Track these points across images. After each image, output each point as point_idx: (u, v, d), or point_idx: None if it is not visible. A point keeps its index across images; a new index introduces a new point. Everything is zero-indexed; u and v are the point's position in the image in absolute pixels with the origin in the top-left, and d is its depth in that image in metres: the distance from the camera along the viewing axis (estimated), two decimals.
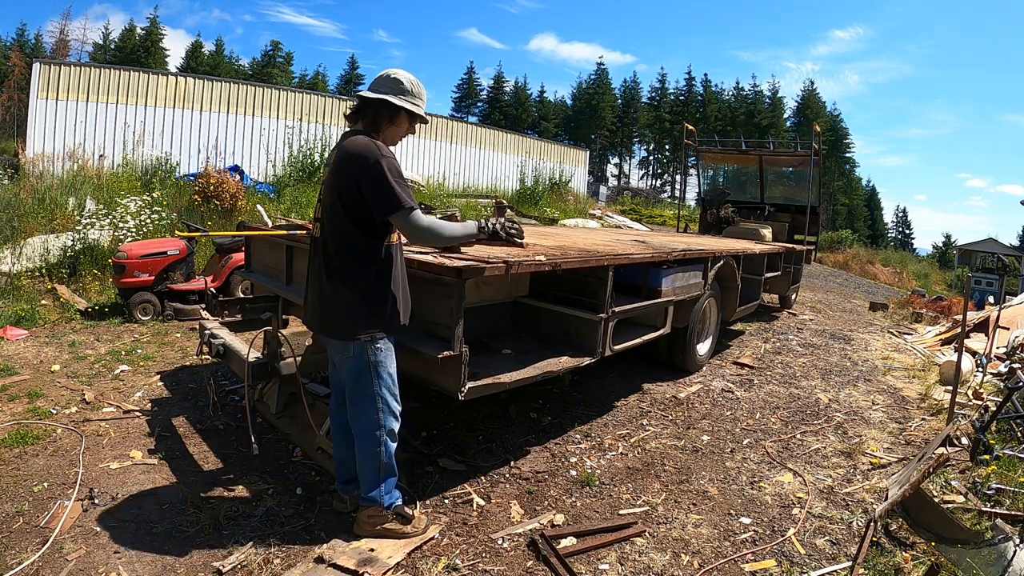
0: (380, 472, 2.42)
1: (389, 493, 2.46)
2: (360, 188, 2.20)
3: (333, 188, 2.28)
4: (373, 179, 2.19)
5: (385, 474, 2.44)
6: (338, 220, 2.27)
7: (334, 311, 2.33)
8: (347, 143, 2.30)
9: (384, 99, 2.32)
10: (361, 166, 2.20)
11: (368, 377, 2.35)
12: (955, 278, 25.50)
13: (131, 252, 5.98)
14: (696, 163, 11.39)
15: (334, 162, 2.31)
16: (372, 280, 2.31)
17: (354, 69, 56.86)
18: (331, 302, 2.32)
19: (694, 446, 3.64)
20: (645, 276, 4.23)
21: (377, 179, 2.19)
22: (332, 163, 2.33)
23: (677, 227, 12.51)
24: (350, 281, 2.30)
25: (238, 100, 17.79)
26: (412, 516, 2.53)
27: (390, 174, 2.20)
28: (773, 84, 65.39)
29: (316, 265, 2.38)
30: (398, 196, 2.21)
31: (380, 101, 2.32)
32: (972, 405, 4.39)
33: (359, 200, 2.21)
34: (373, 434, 2.39)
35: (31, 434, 3.21)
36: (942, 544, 2.37)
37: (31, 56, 32.44)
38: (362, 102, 2.36)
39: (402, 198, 2.21)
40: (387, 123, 2.35)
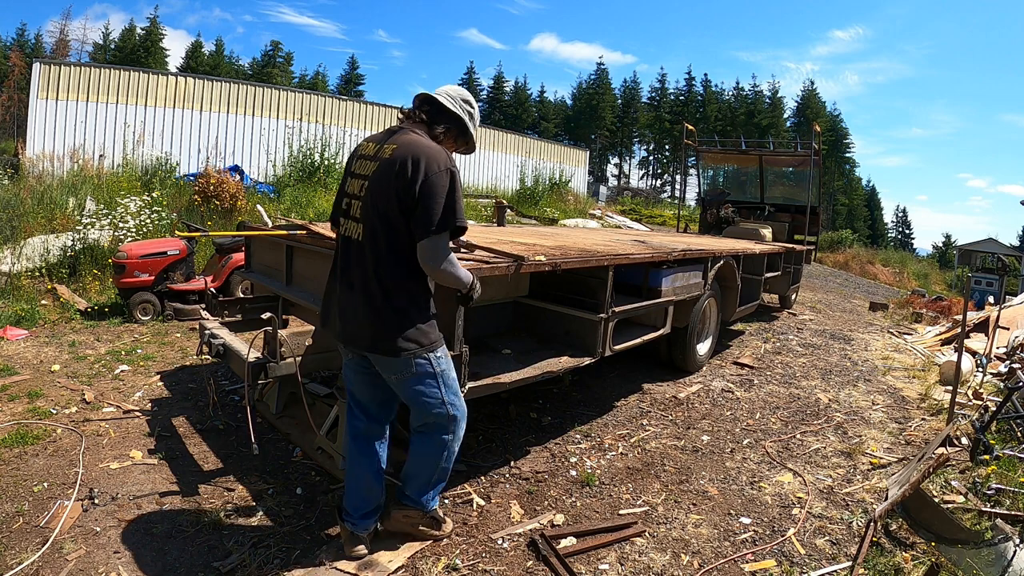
0: (434, 477, 2.37)
1: (435, 498, 2.45)
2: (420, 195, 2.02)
3: (393, 188, 2.04)
4: (436, 189, 2.02)
5: (438, 479, 2.39)
6: (395, 223, 2.06)
7: (391, 327, 2.09)
8: (413, 141, 2.11)
9: (461, 118, 2.26)
10: (430, 173, 2.02)
11: (437, 388, 2.22)
12: (955, 278, 25.49)
13: (131, 252, 5.97)
14: (696, 163, 11.40)
15: (392, 157, 2.07)
16: (425, 288, 2.18)
17: (354, 69, 56.92)
18: (387, 317, 2.09)
19: (694, 446, 3.64)
20: (645, 276, 4.23)
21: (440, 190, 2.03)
22: (388, 158, 2.08)
23: (677, 227, 12.51)
24: (407, 293, 2.11)
25: (238, 100, 17.80)
26: (444, 520, 2.52)
27: (456, 190, 2.08)
28: (773, 84, 65.57)
29: (359, 274, 2.12)
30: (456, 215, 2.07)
31: (454, 116, 2.24)
32: (972, 405, 4.39)
33: (411, 208, 2.03)
34: (443, 440, 2.30)
35: (31, 434, 3.21)
36: (942, 544, 2.37)
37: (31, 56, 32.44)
38: (438, 108, 2.23)
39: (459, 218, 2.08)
40: (451, 142, 2.28)
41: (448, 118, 2.25)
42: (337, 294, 2.24)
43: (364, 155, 2.21)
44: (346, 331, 2.21)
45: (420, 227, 2.03)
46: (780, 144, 11.99)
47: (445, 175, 2.06)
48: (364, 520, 2.33)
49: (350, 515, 2.32)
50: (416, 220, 2.04)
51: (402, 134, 2.16)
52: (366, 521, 2.34)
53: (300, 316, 4.20)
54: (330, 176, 12.67)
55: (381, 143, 2.18)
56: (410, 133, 2.16)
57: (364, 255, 2.12)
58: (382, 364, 2.19)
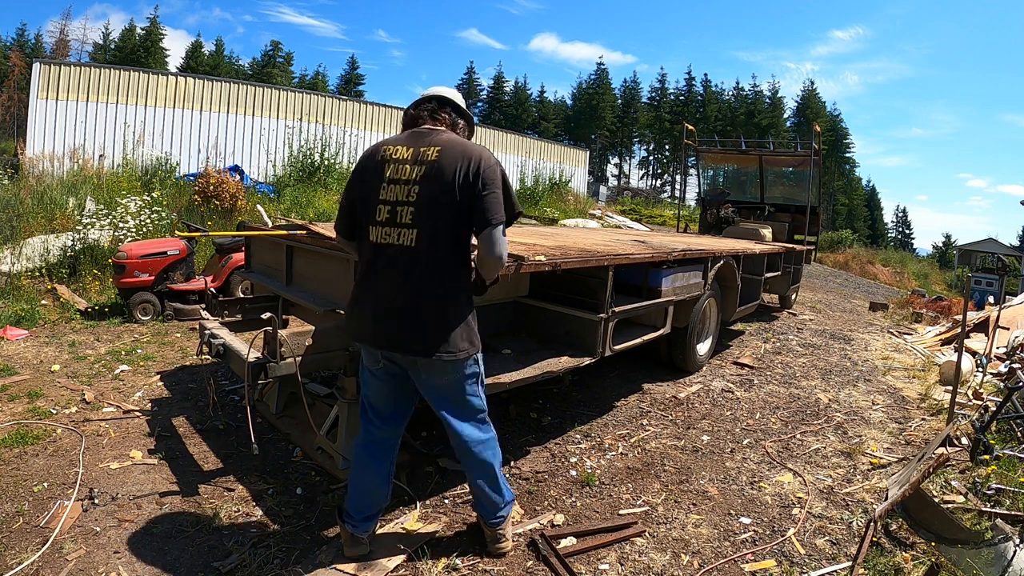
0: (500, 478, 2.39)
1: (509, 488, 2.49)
2: (483, 190, 2.03)
3: (453, 188, 2.02)
4: (496, 183, 2.06)
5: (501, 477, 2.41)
6: (449, 224, 2.06)
7: (453, 330, 2.09)
8: (456, 140, 2.13)
9: (471, 117, 2.36)
10: (487, 168, 2.05)
11: (476, 388, 2.27)
12: (955, 278, 25.49)
13: (131, 252, 5.98)
14: (696, 163, 11.39)
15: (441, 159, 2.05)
16: (469, 290, 2.20)
17: (354, 69, 56.94)
18: (450, 321, 2.09)
19: (694, 446, 3.64)
20: (645, 276, 4.23)
21: (499, 184, 2.07)
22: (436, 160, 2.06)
23: (677, 227, 12.51)
24: (464, 294, 2.15)
25: (238, 100, 17.80)
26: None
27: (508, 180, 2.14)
28: (773, 84, 65.59)
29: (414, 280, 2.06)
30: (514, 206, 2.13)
31: (470, 117, 2.34)
32: (972, 405, 4.39)
33: (472, 204, 2.04)
34: (489, 439, 2.34)
35: (31, 434, 3.21)
36: (942, 544, 2.37)
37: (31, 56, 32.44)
38: (456, 108, 2.28)
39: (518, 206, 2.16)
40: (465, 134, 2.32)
41: (464, 117, 2.32)
42: (376, 301, 2.13)
43: (398, 159, 2.10)
44: (389, 336, 2.11)
45: (485, 220, 2.05)
46: (780, 144, 11.99)
47: (498, 168, 2.11)
48: (366, 523, 2.32)
49: (352, 517, 2.30)
50: (480, 214, 2.05)
51: (437, 135, 2.15)
52: (368, 523, 2.33)
53: (300, 316, 4.20)
54: (330, 176, 12.68)
55: (416, 146, 2.11)
56: (445, 133, 2.18)
57: (419, 260, 2.05)
58: (434, 368, 2.13)
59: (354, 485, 2.34)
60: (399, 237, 2.07)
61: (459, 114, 2.29)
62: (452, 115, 2.25)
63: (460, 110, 2.30)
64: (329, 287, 3.55)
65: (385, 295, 2.11)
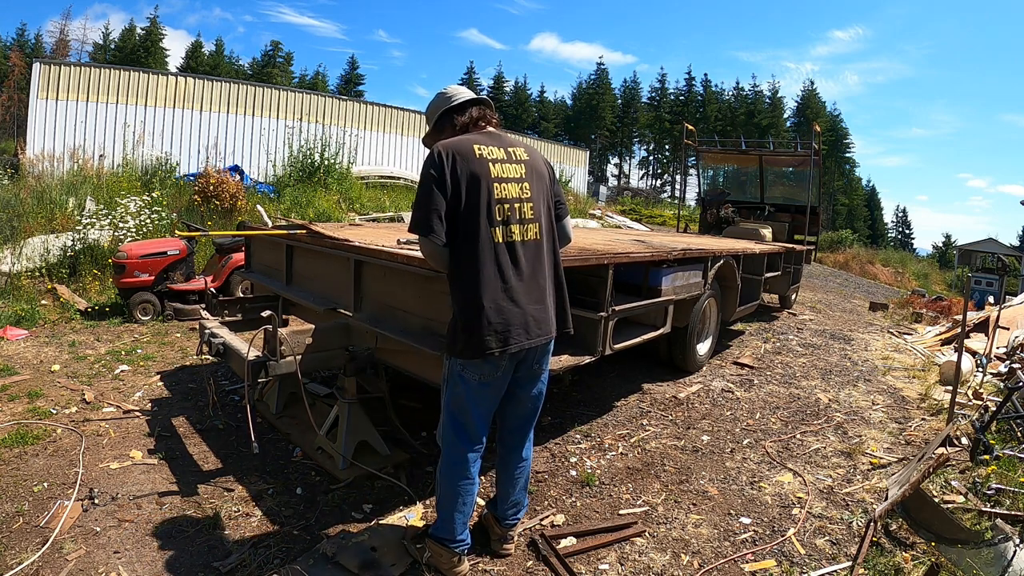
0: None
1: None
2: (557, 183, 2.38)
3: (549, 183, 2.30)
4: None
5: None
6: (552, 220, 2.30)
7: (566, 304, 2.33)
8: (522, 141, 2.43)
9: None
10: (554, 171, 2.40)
11: None
12: (955, 278, 25.49)
13: (131, 252, 5.98)
14: (696, 163, 11.39)
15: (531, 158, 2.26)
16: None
17: (354, 69, 56.92)
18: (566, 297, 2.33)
19: (694, 446, 3.64)
20: (645, 275, 4.23)
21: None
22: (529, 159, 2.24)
23: (677, 227, 12.51)
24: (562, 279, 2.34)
25: (238, 100, 17.80)
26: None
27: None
28: (773, 84, 65.47)
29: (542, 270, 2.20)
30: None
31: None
32: (972, 405, 4.39)
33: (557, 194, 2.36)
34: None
35: (31, 434, 3.21)
36: (942, 544, 2.37)
37: (31, 56, 32.44)
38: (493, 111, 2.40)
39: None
40: None
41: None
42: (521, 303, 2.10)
43: (496, 159, 2.12)
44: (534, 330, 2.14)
45: (564, 208, 2.40)
46: (780, 144, 12.00)
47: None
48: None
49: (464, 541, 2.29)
50: (561, 204, 2.38)
51: (510, 136, 2.34)
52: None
53: (300, 316, 4.20)
54: (330, 176, 12.67)
55: (504, 147, 2.20)
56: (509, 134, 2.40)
57: (542, 250, 2.21)
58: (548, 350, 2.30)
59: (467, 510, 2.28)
60: (527, 232, 2.16)
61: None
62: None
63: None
64: (329, 287, 3.55)
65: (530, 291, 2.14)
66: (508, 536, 2.43)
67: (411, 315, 2.93)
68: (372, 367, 3.10)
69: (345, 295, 3.31)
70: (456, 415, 2.23)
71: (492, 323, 2.04)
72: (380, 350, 3.08)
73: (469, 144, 2.11)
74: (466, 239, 2.05)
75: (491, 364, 2.12)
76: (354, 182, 13.46)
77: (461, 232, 2.05)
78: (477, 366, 2.12)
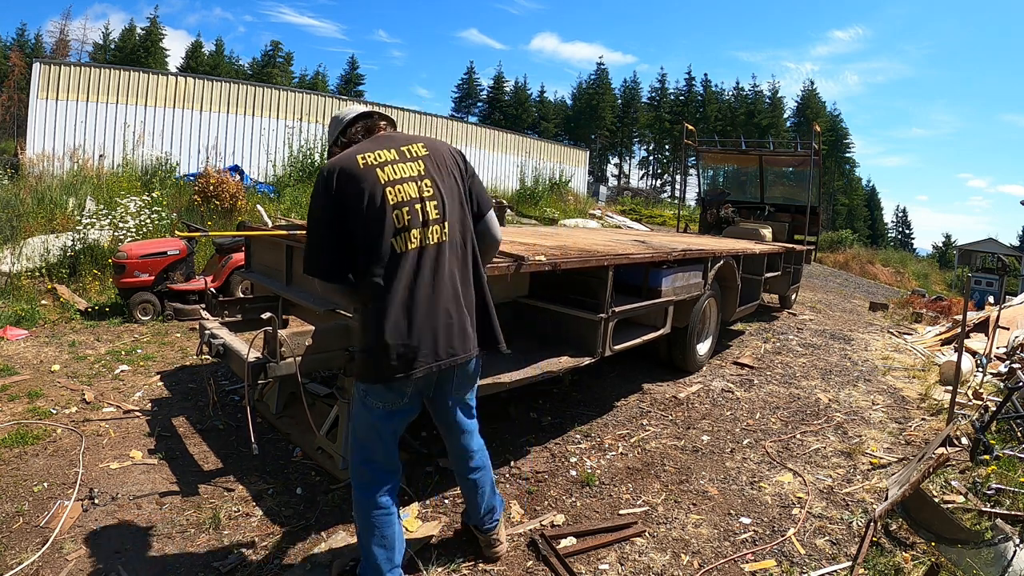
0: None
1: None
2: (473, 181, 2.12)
3: (459, 174, 2.05)
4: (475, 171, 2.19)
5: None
6: (467, 218, 2.05)
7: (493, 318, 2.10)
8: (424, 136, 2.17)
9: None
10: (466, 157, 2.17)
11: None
12: (955, 278, 25.49)
13: (131, 252, 5.97)
14: (696, 163, 11.38)
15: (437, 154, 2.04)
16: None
17: (354, 69, 56.94)
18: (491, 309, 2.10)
19: (694, 446, 3.64)
20: (645, 276, 4.23)
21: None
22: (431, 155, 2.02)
23: (677, 227, 12.51)
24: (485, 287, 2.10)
25: (238, 100, 17.79)
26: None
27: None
28: (773, 84, 65.51)
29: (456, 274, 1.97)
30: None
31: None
32: (972, 405, 4.39)
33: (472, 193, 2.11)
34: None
35: (31, 434, 3.21)
36: (942, 544, 2.37)
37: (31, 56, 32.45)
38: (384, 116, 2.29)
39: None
40: None
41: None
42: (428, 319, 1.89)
43: (385, 162, 1.94)
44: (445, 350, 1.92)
45: (485, 203, 2.16)
46: (780, 144, 11.98)
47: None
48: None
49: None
50: (480, 198, 2.14)
51: (406, 134, 2.14)
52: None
53: (300, 316, 4.20)
54: None
55: (396, 147, 2.00)
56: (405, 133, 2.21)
57: (454, 254, 1.97)
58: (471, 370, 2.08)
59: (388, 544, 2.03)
60: (434, 234, 1.93)
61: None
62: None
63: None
64: None
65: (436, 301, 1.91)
66: (493, 540, 2.39)
67: None
68: None
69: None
70: (362, 441, 2.06)
71: (393, 345, 1.85)
72: None
73: (352, 156, 1.94)
74: (366, 255, 1.88)
75: (395, 391, 1.94)
76: None
77: (361, 249, 1.89)
78: (380, 393, 1.94)
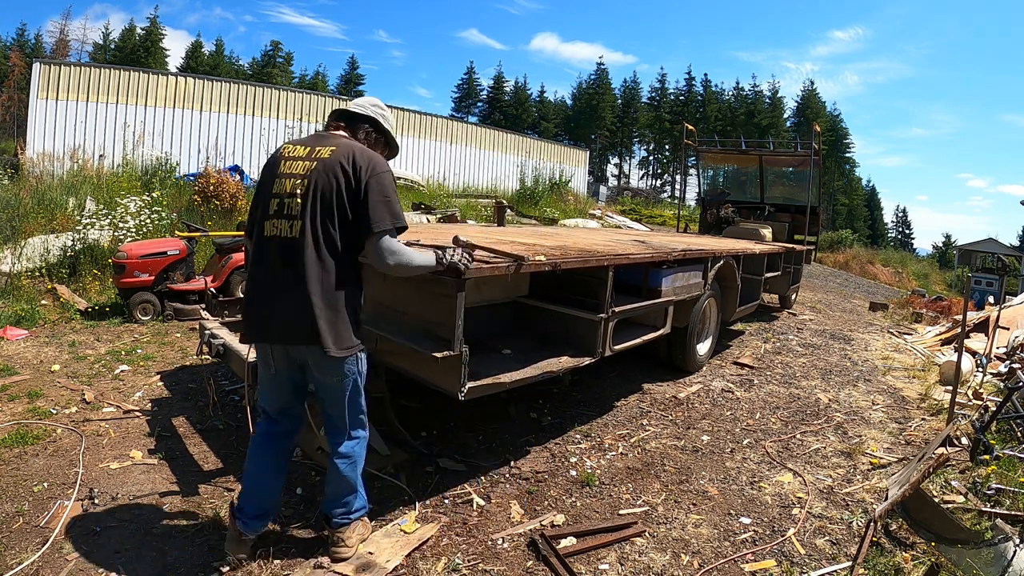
0: (360, 481, 2.37)
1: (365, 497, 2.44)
2: (366, 194, 2.08)
3: (339, 186, 2.08)
4: (380, 189, 2.09)
5: (362, 481, 2.39)
6: (333, 221, 2.09)
7: (336, 320, 2.11)
8: (349, 144, 2.17)
9: (373, 118, 2.34)
10: (372, 172, 2.10)
11: (358, 388, 2.28)
12: (955, 278, 25.49)
13: (131, 252, 5.97)
14: (696, 163, 11.38)
15: (333, 159, 2.10)
16: (357, 288, 2.23)
17: (354, 69, 56.95)
18: (323, 311, 2.08)
19: (694, 446, 3.64)
20: (645, 276, 4.23)
21: (384, 191, 2.11)
22: (328, 159, 2.11)
23: (677, 227, 12.51)
24: (341, 288, 2.12)
25: (238, 100, 17.81)
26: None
27: (392, 190, 2.15)
28: (773, 84, 65.38)
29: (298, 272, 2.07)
30: (396, 214, 2.14)
31: (368, 118, 2.34)
32: (972, 405, 4.39)
33: (358, 204, 2.09)
34: (362, 445, 2.37)
35: (31, 434, 3.21)
36: (942, 544, 2.37)
37: (31, 56, 32.45)
38: (347, 114, 2.33)
39: (398, 216, 2.15)
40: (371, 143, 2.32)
41: (363, 121, 2.33)
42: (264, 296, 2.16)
43: (293, 156, 2.17)
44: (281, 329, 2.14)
45: (374, 222, 2.08)
46: (780, 144, 11.99)
47: (388, 175, 2.16)
48: (254, 521, 2.29)
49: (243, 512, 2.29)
50: (367, 217, 2.08)
51: (335, 138, 2.22)
52: (256, 523, 2.30)
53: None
54: None
55: (313, 146, 2.18)
56: (343, 138, 2.24)
57: (304, 251, 2.07)
58: (321, 364, 2.16)
59: (249, 481, 2.33)
60: (287, 229, 2.11)
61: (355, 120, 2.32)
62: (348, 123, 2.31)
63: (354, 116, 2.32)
64: None
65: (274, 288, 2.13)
66: (336, 539, 2.30)
67: (410, 316, 2.93)
68: (372, 367, 3.09)
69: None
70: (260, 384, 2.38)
71: (246, 311, 2.26)
72: (380, 351, 3.08)
73: (288, 144, 2.25)
74: (251, 227, 2.25)
75: (261, 353, 2.27)
76: None
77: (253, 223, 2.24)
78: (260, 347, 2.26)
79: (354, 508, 2.34)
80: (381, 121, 2.36)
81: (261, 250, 2.18)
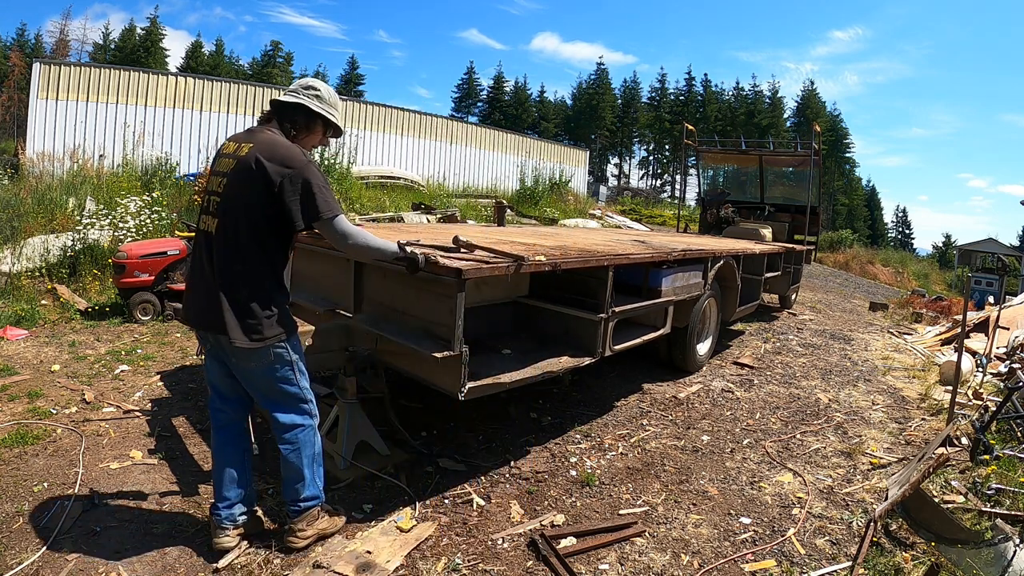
0: (313, 466, 2.38)
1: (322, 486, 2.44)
2: (283, 191, 2.11)
3: (249, 184, 2.12)
4: (303, 186, 2.13)
5: (318, 465, 2.41)
6: (252, 218, 2.15)
7: (245, 313, 2.15)
8: (266, 140, 2.20)
9: (301, 104, 2.29)
10: (288, 169, 2.11)
11: (293, 375, 2.30)
12: (955, 278, 25.49)
13: (131, 252, 5.97)
14: (696, 163, 11.37)
15: (248, 156, 2.14)
16: (274, 282, 2.25)
17: (354, 69, 56.96)
18: (241, 304, 2.15)
19: (694, 446, 3.64)
20: (645, 276, 4.23)
21: (306, 186, 2.13)
22: (244, 156, 2.15)
23: (677, 227, 12.51)
24: (252, 283, 2.17)
25: (238, 100, 17.81)
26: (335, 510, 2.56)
27: (316, 182, 2.15)
28: (773, 84, 65.34)
29: (216, 264, 2.16)
30: (327, 203, 2.17)
31: (297, 106, 2.29)
32: (972, 405, 4.39)
33: (277, 201, 2.12)
34: (308, 433, 2.36)
35: (31, 434, 3.21)
36: (942, 544, 2.37)
37: (31, 56, 32.45)
38: (277, 105, 2.31)
39: (331, 205, 2.18)
40: (304, 130, 2.32)
41: (291, 111, 2.30)
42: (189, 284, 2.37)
43: (225, 153, 2.27)
44: (206, 319, 2.22)
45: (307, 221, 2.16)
46: (780, 144, 11.99)
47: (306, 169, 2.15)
48: (229, 511, 2.34)
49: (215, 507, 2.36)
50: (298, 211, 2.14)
51: (259, 133, 2.25)
52: (232, 511, 2.35)
53: (300, 316, 4.20)
54: (330, 176, 12.66)
55: (240, 143, 2.24)
56: (266, 132, 2.25)
57: (221, 247, 2.17)
58: (235, 352, 2.21)
59: (218, 473, 2.39)
60: (209, 224, 2.22)
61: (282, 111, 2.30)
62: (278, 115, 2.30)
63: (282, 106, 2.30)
64: (329, 288, 3.55)
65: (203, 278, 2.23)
66: (288, 529, 2.36)
67: (410, 316, 2.93)
68: (372, 367, 3.10)
69: (345, 296, 3.31)
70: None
71: (183, 297, 2.46)
72: (380, 351, 3.09)
73: (227, 140, 2.36)
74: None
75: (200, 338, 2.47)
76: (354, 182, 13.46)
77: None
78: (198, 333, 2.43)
79: (302, 496, 2.36)
80: (311, 105, 2.30)
81: (195, 243, 2.34)
